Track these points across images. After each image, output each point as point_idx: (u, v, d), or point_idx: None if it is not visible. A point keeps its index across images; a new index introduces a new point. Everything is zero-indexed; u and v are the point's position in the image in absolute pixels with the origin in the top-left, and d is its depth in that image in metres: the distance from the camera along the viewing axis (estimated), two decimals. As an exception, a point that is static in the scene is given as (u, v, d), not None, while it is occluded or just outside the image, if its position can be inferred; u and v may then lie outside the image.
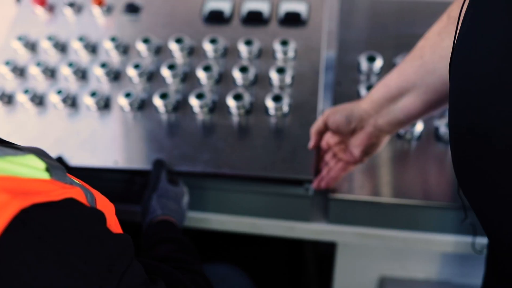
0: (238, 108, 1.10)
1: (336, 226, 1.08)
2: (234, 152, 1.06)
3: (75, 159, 1.08)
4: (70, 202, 0.48)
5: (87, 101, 1.15)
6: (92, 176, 1.08)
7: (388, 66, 1.20)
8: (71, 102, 1.18)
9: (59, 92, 1.17)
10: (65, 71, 1.22)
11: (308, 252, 1.59)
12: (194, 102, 1.11)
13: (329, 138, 0.98)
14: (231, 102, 1.10)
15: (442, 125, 1.09)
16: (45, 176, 0.48)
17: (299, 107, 1.12)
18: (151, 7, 1.33)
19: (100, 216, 0.53)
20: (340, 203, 1.04)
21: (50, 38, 1.27)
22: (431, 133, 1.11)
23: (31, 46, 1.29)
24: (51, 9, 1.35)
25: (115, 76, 1.22)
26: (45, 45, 1.27)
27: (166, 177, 1.00)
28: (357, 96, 1.16)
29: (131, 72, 1.19)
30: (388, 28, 1.30)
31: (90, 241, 0.48)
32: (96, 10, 1.32)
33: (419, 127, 1.09)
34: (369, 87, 1.15)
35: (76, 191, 0.50)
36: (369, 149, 0.93)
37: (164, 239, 0.85)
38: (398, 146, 1.10)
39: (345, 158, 0.96)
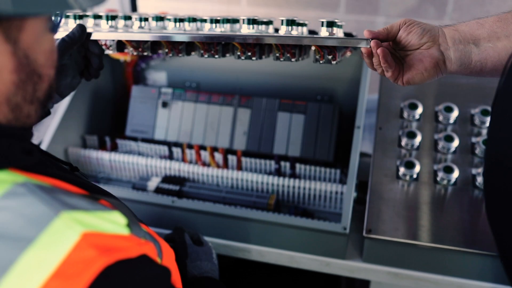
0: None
1: (370, 264, 1.12)
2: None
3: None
4: (144, 259, 0.55)
5: None
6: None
7: (429, 114, 1.25)
8: None
9: None
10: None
11: (343, 285, 1.62)
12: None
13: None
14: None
15: (480, 175, 1.13)
16: (126, 231, 0.55)
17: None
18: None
19: (166, 273, 0.60)
20: (376, 242, 1.09)
21: None
22: (469, 181, 1.15)
23: None
24: None
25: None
26: None
27: (190, 240, 1.05)
28: (398, 140, 1.22)
29: None
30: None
31: None
32: None
33: (455, 173, 1.13)
34: (409, 133, 1.21)
35: (149, 247, 0.57)
36: (418, 74, 0.88)
37: None
38: (434, 191, 1.14)
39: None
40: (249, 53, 1.06)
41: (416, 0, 2.01)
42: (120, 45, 1.15)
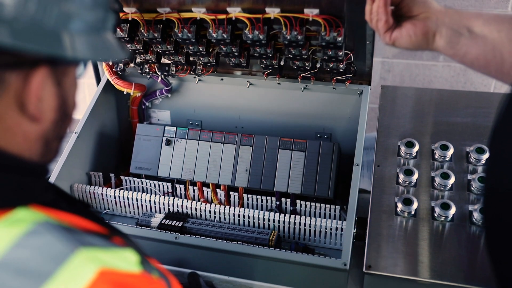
0: None
1: (370, 300, 1.13)
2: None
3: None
4: None
5: None
6: None
7: (425, 152, 1.29)
8: None
9: None
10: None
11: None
12: None
13: None
14: None
15: (476, 211, 1.16)
16: (138, 269, 0.58)
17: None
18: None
19: None
20: (376, 278, 1.10)
21: None
22: (466, 217, 1.17)
23: None
24: None
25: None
26: None
27: (204, 283, 1.10)
28: (396, 178, 1.25)
29: None
30: (426, 115, 1.40)
31: None
32: None
33: (452, 210, 1.15)
34: (406, 170, 1.24)
35: (160, 285, 0.60)
36: (406, 35, 0.92)
37: None
38: (432, 227, 1.16)
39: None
40: (257, 32, 1.11)
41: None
42: (133, 28, 1.20)
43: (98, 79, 1.93)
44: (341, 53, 1.18)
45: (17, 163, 0.60)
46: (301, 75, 1.39)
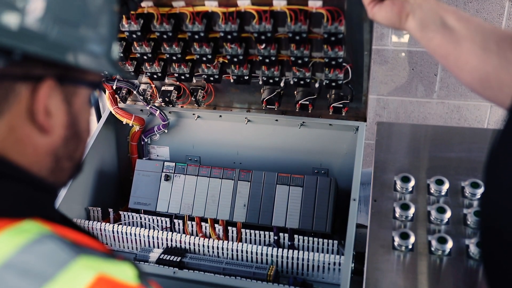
0: None
1: (369, 336, 1.13)
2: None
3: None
4: None
5: None
6: None
7: (421, 187, 1.31)
8: None
9: None
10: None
11: None
12: None
13: None
14: None
15: (473, 245, 1.16)
16: (136, 282, 0.60)
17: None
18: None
19: None
20: (374, 313, 1.10)
21: None
22: (463, 251, 1.18)
23: None
24: None
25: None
26: None
27: None
28: (393, 212, 1.26)
29: None
30: (422, 151, 1.43)
31: None
32: None
33: (449, 244, 1.16)
34: (403, 205, 1.25)
35: None
36: (382, 12, 0.98)
37: None
38: (430, 262, 1.16)
39: None
40: (264, 23, 1.15)
41: (406, 79, 2.13)
42: (145, 25, 1.25)
43: (99, 116, 1.96)
44: (341, 53, 1.21)
45: (27, 176, 0.64)
46: (300, 102, 1.41)
